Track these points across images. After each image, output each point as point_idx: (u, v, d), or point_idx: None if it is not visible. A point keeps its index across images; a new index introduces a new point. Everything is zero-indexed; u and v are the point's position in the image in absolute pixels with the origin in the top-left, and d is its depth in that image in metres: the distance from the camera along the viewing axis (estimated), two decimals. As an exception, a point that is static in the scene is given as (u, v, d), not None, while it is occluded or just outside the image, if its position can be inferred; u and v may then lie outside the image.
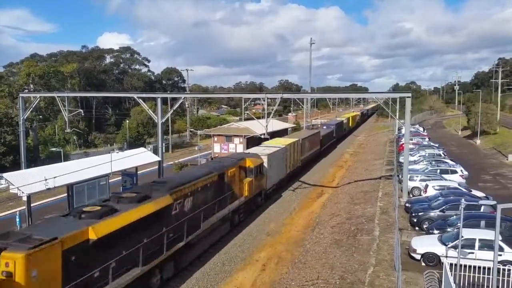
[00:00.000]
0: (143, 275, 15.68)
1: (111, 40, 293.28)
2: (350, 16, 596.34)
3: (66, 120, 42.25)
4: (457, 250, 15.49)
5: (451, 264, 14.96)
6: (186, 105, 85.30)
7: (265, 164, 31.20)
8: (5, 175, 25.53)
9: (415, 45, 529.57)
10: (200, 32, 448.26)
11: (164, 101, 61.13)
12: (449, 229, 19.78)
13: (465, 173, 32.83)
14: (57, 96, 41.67)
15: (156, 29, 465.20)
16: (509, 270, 14.57)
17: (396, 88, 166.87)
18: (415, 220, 23.21)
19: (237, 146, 53.42)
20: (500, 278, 14.39)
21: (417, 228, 22.89)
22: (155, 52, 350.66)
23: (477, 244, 17.03)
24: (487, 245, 16.69)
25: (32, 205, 26.16)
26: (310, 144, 48.64)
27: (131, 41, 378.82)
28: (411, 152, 40.01)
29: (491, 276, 13.27)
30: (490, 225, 18.00)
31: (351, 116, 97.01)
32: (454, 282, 14.04)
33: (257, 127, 47.06)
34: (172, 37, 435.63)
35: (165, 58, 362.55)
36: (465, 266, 14.98)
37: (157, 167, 37.02)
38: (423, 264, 18.14)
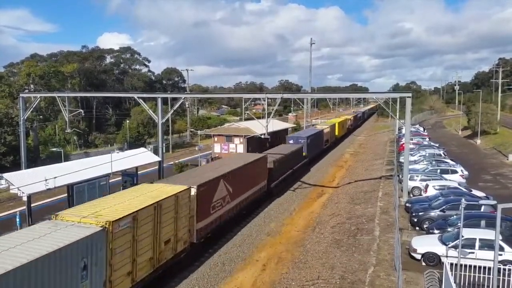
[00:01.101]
0: None
1: (111, 40, 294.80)
2: (350, 16, 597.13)
3: (67, 120, 42.28)
4: (458, 249, 15.48)
5: (451, 264, 14.96)
6: (187, 105, 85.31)
7: None
8: (5, 175, 25.53)
9: (415, 45, 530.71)
10: (200, 32, 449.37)
11: (165, 101, 61.05)
12: (449, 229, 19.77)
13: (465, 173, 32.82)
14: (58, 96, 41.70)
15: (156, 29, 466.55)
16: (509, 269, 14.56)
17: (396, 88, 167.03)
18: (415, 220, 23.20)
19: (238, 146, 53.44)
20: (501, 277, 14.38)
21: (417, 228, 22.89)
22: (155, 52, 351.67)
23: (477, 244, 17.03)
24: (487, 244, 16.69)
25: (32, 205, 26.17)
26: (236, 186, 26.25)
27: (131, 41, 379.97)
28: (412, 152, 39.98)
29: (491, 276, 13.26)
30: (491, 224, 18.00)
31: (338, 122, 74.87)
32: (455, 282, 14.02)
33: (258, 127, 47.02)
34: (172, 37, 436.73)
35: (165, 58, 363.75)
36: (465, 266, 14.97)
37: (157, 167, 37.03)
38: (423, 264, 18.13)
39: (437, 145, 49.40)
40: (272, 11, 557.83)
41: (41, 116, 61.78)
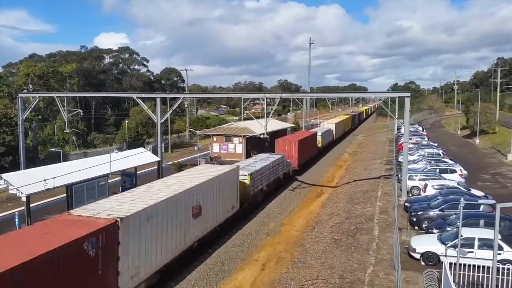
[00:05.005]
0: None
1: (108, 40, 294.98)
2: (351, 14, 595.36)
3: (65, 120, 42.24)
4: (457, 249, 15.49)
5: (450, 263, 14.96)
6: (185, 105, 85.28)
7: None
8: (4, 175, 25.46)
9: (414, 44, 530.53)
10: (197, 30, 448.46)
11: (163, 101, 61.10)
12: (448, 228, 19.79)
13: (464, 172, 32.83)
14: (56, 96, 41.68)
15: (152, 27, 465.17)
16: (508, 269, 14.58)
17: (395, 88, 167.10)
18: (414, 220, 23.21)
19: (237, 146, 53.47)
20: (500, 277, 14.40)
21: (416, 227, 22.90)
22: (151, 51, 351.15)
23: (476, 243, 17.05)
24: (486, 244, 16.71)
25: (31, 205, 26.13)
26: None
27: (128, 39, 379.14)
28: (410, 152, 39.99)
29: (490, 275, 13.27)
30: (489, 224, 18.02)
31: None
32: (454, 281, 14.03)
33: (257, 127, 47.05)
34: (168, 36, 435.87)
35: (161, 57, 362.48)
36: (464, 265, 14.98)
37: (156, 167, 36.99)
38: (422, 263, 18.14)
39: (436, 144, 49.44)
40: (272, 9, 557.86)
41: (40, 116, 61.76)
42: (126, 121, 70.24)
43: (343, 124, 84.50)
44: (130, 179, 33.86)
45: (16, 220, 25.81)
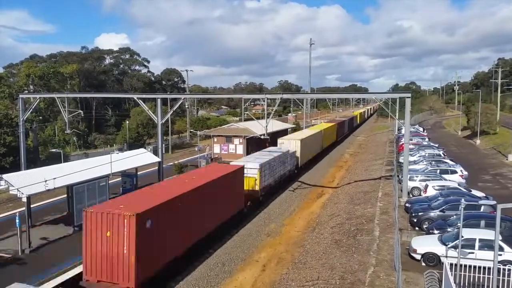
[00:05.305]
0: None
1: (108, 40, 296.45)
2: (352, 14, 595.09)
3: (66, 121, 42.28)
4: (457, 250, 15.48)
5: (451, 264, 14.96)
6: (186, 106, 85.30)
7: None
8: (4, 176, 25.42)
9: (416, 44, 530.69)
10: (197, 30, 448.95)
11: (164, 101, 61.09)
12: (449, 229, 19.78)
13: (465, 173, 32.82)
14: (57, 97, 41.74)
15: (152, 27, 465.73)
16: (509, 270, 14.56)
17: (396, 89, 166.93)
18: (415, 220, 23.22)
19: (237, 147, 53.47)
20: (500, 278, 14.39)
21: (417, 228, 22.90)
22: (152, 51, 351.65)
23: (477, 244, 17.03)
24: (487, 245, 16.70)
25: (32, 206, 26.13)
26: None
27: (128, 40, 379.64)
28: (411, 152, 39.99)
29: (491, 276, 13.26)
30: (490, 225, 18.01)
31: None
32: (454, 282, 14.03)
33: (257, 127, 47.07)
34: (168, 36, 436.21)
35: (162, 57, 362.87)
36: (465, 266, 14.97)
37: (157, 168, 36.99)
38: (423, 264, 18.14)
39: (436, 145, 49.43)
40: (272, 10, 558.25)
41: (40, 117, 61.80)
42: (127, 122, 70.22)
43: (319, 138, 55.29)
44: (130, 179, 33.86)
45: (17, 220, 25.75)
